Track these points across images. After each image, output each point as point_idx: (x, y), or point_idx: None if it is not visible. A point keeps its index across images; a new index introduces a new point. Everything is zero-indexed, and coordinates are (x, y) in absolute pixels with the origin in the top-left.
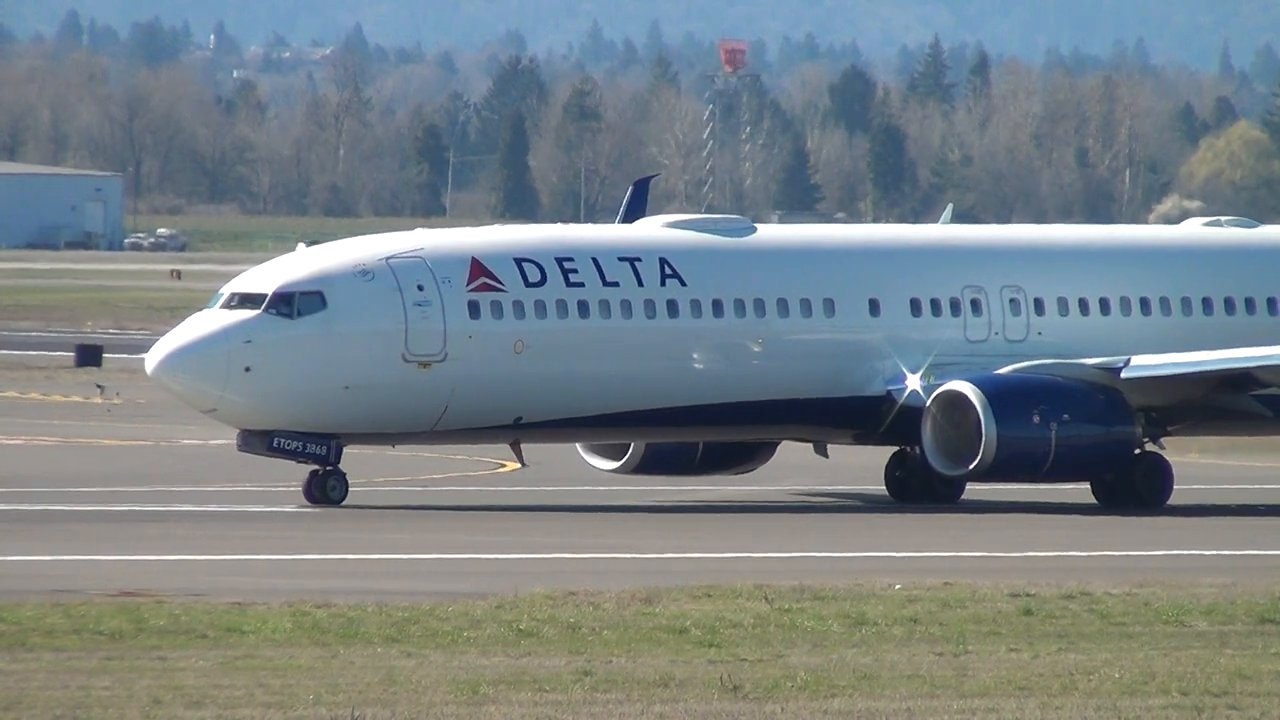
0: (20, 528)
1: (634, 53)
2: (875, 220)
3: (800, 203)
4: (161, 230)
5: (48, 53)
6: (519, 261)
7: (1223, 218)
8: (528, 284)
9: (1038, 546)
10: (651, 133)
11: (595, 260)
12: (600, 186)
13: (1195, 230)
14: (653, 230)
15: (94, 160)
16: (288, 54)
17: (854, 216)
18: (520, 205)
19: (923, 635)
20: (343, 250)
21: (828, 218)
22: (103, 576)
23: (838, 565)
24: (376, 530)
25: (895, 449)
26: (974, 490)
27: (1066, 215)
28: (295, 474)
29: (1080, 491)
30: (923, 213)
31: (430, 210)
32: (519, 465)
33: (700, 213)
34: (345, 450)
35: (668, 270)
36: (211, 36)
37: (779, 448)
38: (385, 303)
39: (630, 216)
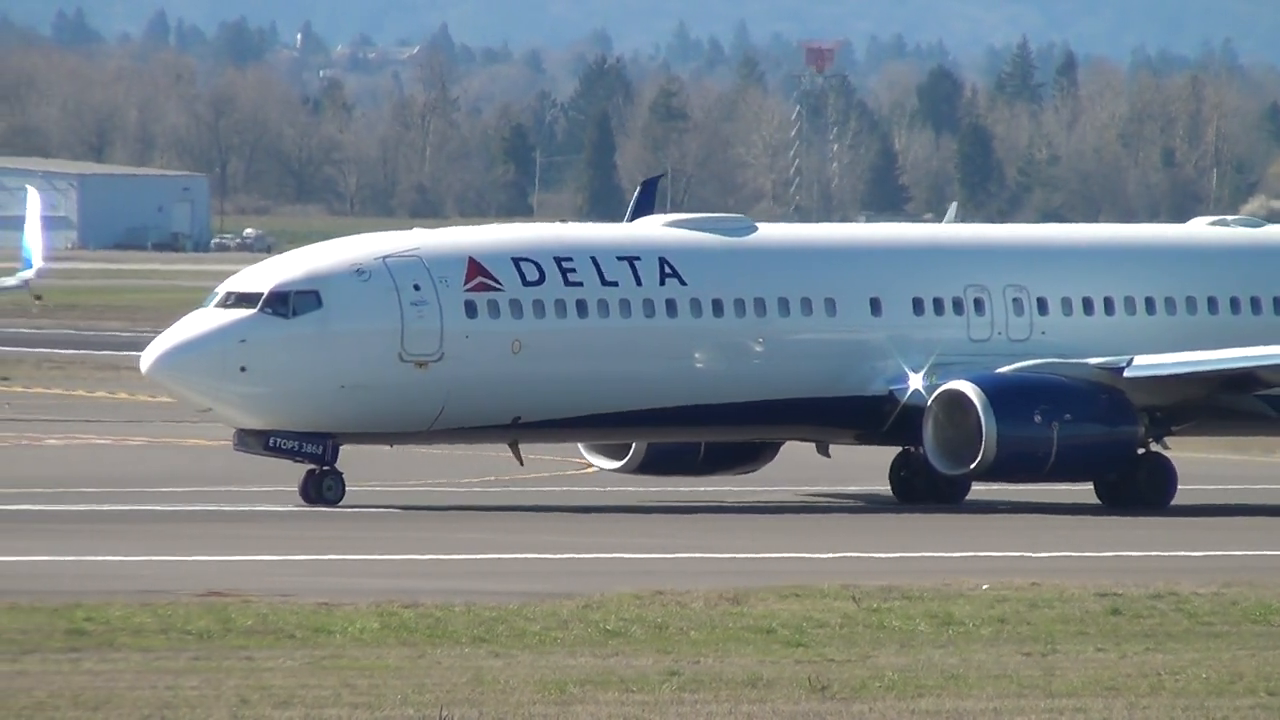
0: (107, 528)
1: (720, 53)
2: (964, 220)
3: (888, 203)
4: (248, 231)
5: (135, 53)
6: (517, 261)
7: (1229, 217)
8: (525, 283)
9: (1124, 546)
10: (738, 133)
11: (594, 259)
12: (687, 186)
13: (1200, 229)
14: (652, 229)
15: (181, 161)
16: (374, 54)
17: (941, 216)
18: (606, 205)
19: (1010, 635)
20: (339, 249)
21: (915, 218)
22: (190, 576)
23: (925, 565)
24: (462, 530)
25: (900, 449)
26: (980, 491)
27: (1153, 215)
28: (377, 474)
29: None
30: (1010, 213)
31: (516, 210)
32: (589, 464)
33: (789, 214)
34: (429, 450)
35: (667, 269)
36: (298, 36)
37: (783, 448)
38: (381, 302)
39: (639, 216)
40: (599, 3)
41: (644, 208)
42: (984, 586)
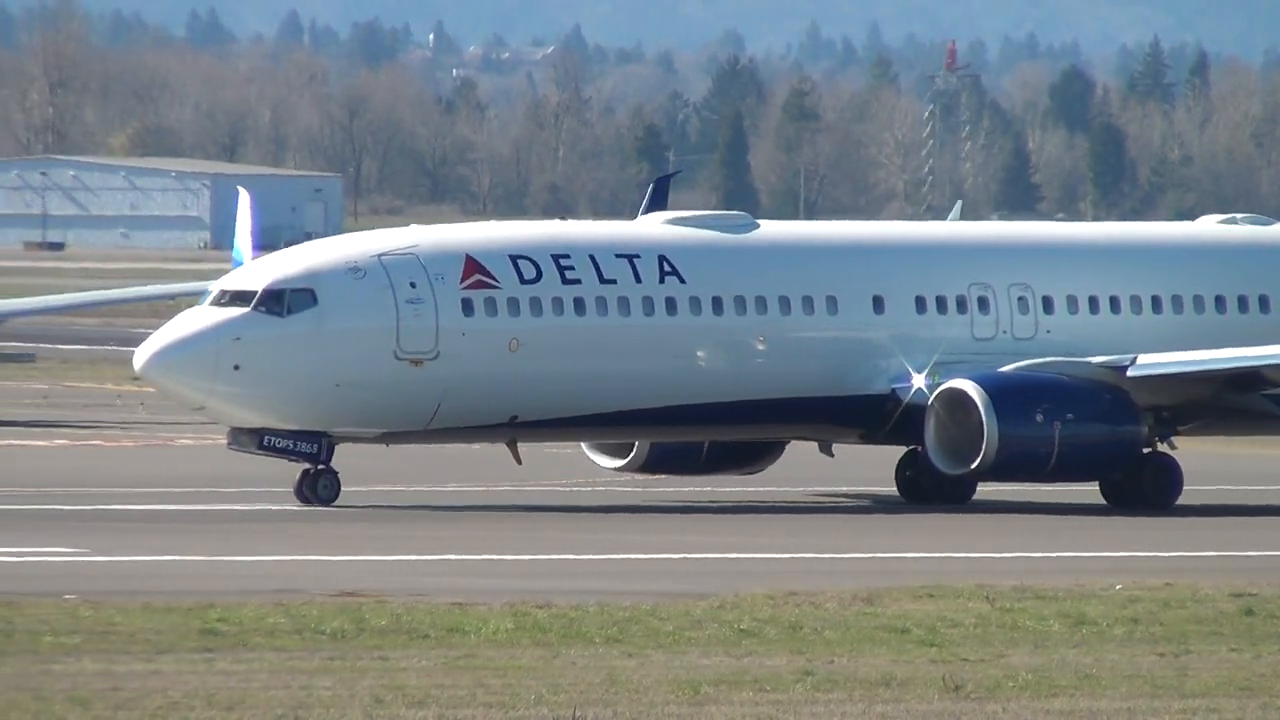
0: (241, 527)
1: (853, 53)
2: (1096, 220)
3: (1020, 203)
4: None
5: (268, 53)
6: (514, 258)
7: (1238, 215)
8: (523, 281)
9: (1258, 546)
10: (871, 133)
11: (592, 257)
12: (820, 186)
13: (1208, 228)
14: (652, 227)
15: (314, 161)
16: (507, 54)
17: (1074, 216)
18: (740, 205)
19: (1144, 635)
20: (334, 247)
21: (1047, 217)
22: (324, 577)
23: (1058, 565)
24: (595, 531)
25: (906, 449)
26: (986, 491)
27: None
28: (513, 475)
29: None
30: (1143, 212)
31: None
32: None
33: (921, 213)
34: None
35: (666, 267)
36: (431, 36)
37: (791, 447)
38: (377, 300)
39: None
40: (731, 3)
41: (656, 207)
42: (1117, 586)
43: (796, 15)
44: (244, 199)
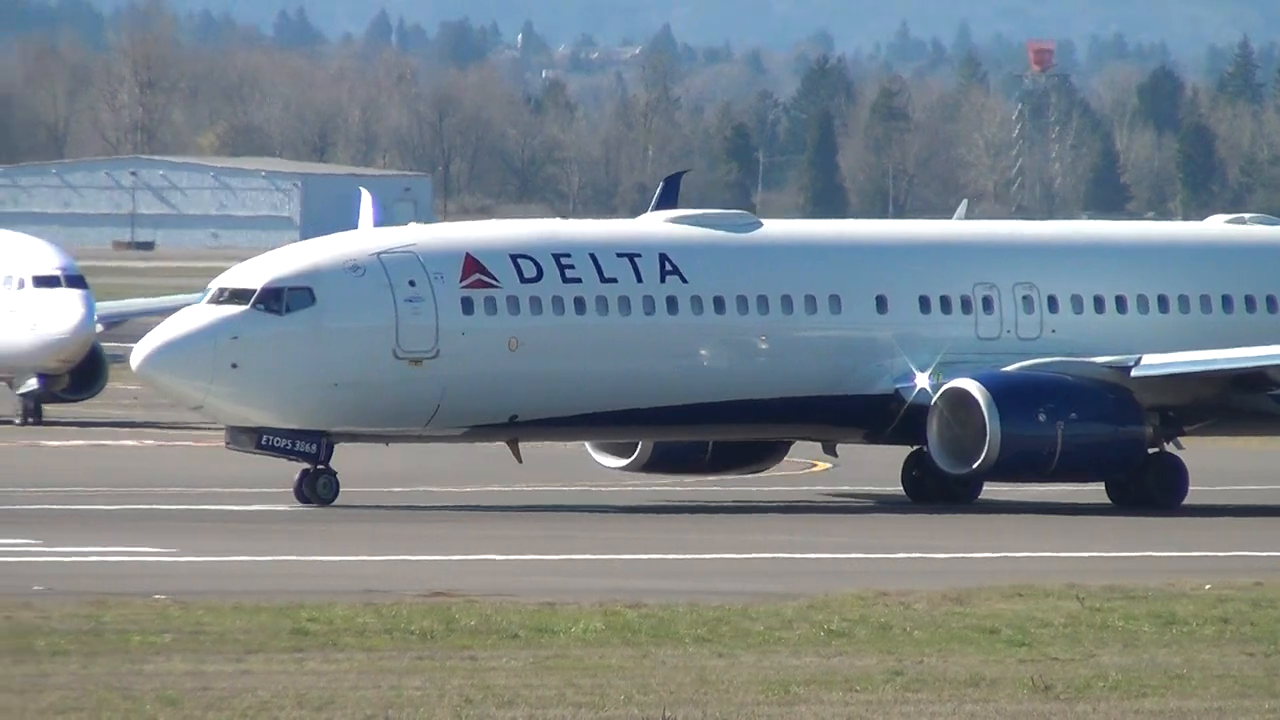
0: (331, 528)
1: (942, 52)
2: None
3: (1110, 203)
4: None
5: (357, 53)
6: (514, 257)
7: (1246, 214)
8: (523, 280)
9: None
10: (960, 133)
11: (593, 256)
12: (909, 186)
13: (1216, 227)
14: (653, 226)
15: (403, 160)
16: (596, 54)
17: (1163, 216)
18: (829, 205)
19: (1234, 635)
20: (333, 245)
21: (1136, 217)
22: (414, 577)
23: (1148, 565)
24: (685, 530)
25: (913, 449)
26: (991, 491)
27: None
28: (605, 475)
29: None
30: (1232, 212)
31: (740, 209)
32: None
33: (1011, 213)
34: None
35: (668, 266)
36: (519, 36)
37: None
38: (376, 298)
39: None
40: (821, 2)
41: (666, 205)
42: (1207, 586)
43: (886, 15)
44: (366, 199)
